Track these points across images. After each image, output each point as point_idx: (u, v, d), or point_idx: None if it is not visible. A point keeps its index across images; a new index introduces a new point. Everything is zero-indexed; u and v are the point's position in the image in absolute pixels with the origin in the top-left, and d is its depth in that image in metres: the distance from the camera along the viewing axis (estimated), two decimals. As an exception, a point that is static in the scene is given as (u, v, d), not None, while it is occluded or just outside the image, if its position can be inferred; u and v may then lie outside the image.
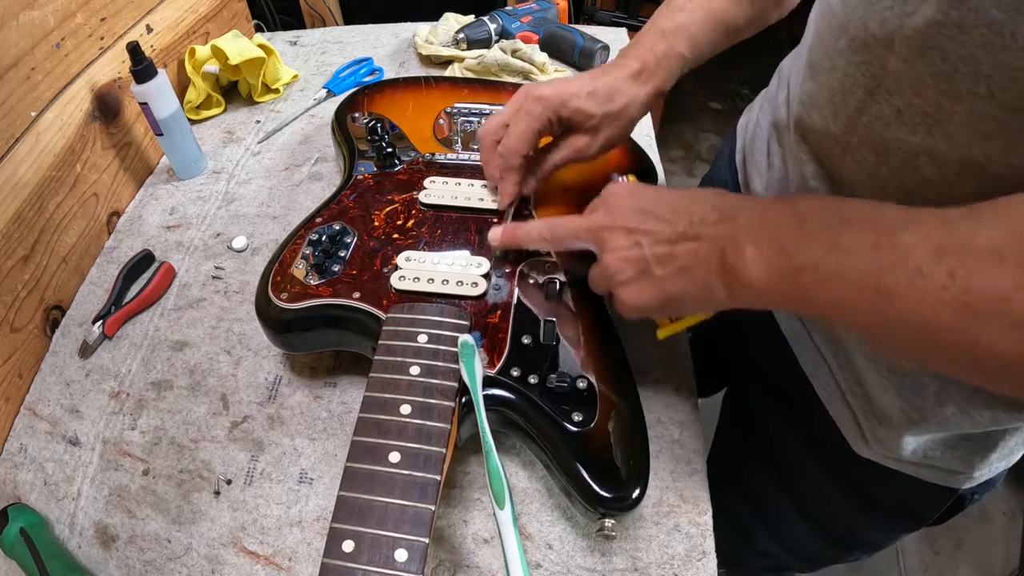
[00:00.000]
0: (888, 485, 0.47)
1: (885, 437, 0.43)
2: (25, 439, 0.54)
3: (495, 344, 0.46)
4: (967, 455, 0.42)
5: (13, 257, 0.57)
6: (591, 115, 0.47)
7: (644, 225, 0.38)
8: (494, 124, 0.50)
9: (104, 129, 0.70)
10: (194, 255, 0.67)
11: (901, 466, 0.45)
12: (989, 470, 0.44)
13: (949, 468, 0.44)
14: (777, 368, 0.51)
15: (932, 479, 0.45)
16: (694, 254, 0.35)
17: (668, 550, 0.44)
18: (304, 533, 0.46)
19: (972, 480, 0.44)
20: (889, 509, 0.51)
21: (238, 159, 0.78)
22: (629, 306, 0.39)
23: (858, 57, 0.33)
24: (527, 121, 0.47)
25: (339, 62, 0.92)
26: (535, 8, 0.95)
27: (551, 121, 0.48)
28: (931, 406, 0.39)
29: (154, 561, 0.46)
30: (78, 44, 0.65)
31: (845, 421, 0.46)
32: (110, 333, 0.60)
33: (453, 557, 0.44)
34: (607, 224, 0.40)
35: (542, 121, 0.47)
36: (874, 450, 0.45)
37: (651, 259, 0.37)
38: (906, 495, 0.48)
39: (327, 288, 0.50)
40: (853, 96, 0.34)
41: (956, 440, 0.42)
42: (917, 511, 0.50)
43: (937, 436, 0.42)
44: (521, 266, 0.51)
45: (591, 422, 0.43)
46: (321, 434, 0.51)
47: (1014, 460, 0.44)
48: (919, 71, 0.29)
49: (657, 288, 0.37)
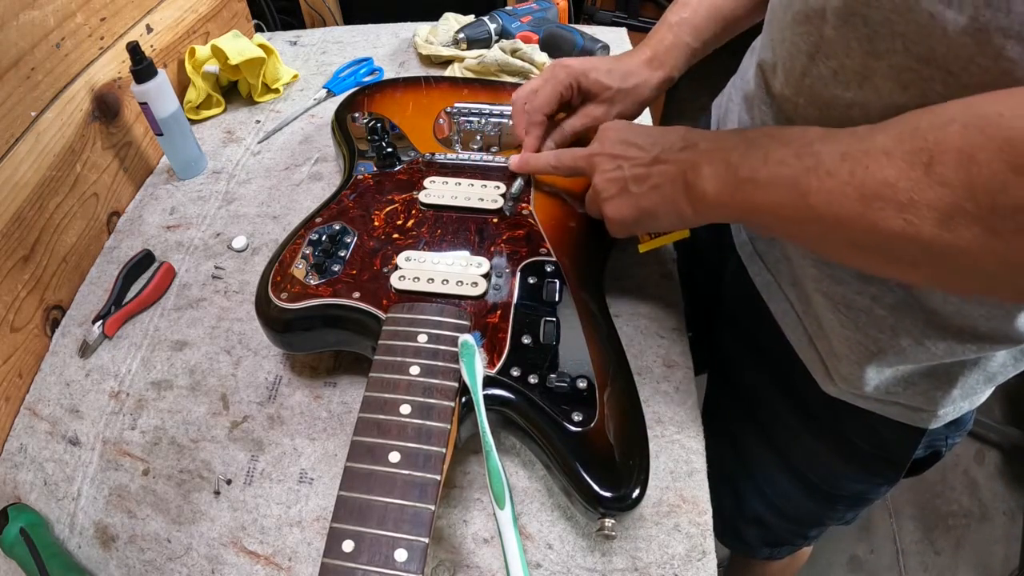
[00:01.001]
0: (858, 424, 0.50)
1: (848, 373, 0.45)
2: (25, 439, 0.54)
3: (495, 344, 0.46)
4: (929, 390, 0.44)
5: (13, 257, 0.57)
6: (608, 87, 0.55)
7: (626, 152, 0.46)
8: (526, 90, 0.57)
9: (104, 129, 0.70)
10: (194, 255, 0.67)
11: (867, 403, 0.47)
12: (953, 408, 0.46)
13: (912, 405, 0.46)
14: (753, 322, 0.54)
15: (898, 417, 0.47)
16: (663, 175, 0.43)
17: (668, 550, 0.44)
18: (304, 533, 0.46)
19: (937, 419, 0.46)
20: (864, 453, 0.53)
21: (238, 159, 0.78)
22: (612, 220, 0.47)
23: (801, 28, 0.38)
24: (552, 84, 0.55)
25: (339, 62, 0.92)
26: (535, 8, 0.95)
27: (572, 87, 0.55)
28: (887, 338, 0.42)
29: (154, 561, 0.46)
30: (78, 44, 0.65)
31: (813, 362, 0.49)
32: (110, 333, 0.60)
33: (453, 557, 0.44)
34: (597, 151, 0.48)
35: (564, 85, 0.55)
36: (840, 387, 0.47)
37: (629, 179, 0.45)
38: (877, 436, 0.50)
39: (327, 288, 0.50)
40: (799, 62, 0.39)
41: (917, 376, 0.44)
42: (891, 455, 0.52)
43: (898, 371, 0.44)
44: (522, 266, 0.51)
45: (591, 422, 0.43)
46: (321, 434, 0.51)
47: (978, 401, 0.47)
48: (847, 36, 0.34)
49: (633, 203, 0.45)
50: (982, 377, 0.43)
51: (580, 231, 0.55)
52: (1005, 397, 1.48)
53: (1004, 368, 0.43)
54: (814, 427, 0.54)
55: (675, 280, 0.60)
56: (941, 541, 1.29)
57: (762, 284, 0.52)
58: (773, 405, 0.57)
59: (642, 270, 0.61)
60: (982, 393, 0.46)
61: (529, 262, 0.52)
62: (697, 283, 0.64)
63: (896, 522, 1.31)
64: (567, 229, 0.55)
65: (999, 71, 0.29)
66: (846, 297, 0.43)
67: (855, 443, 0.52)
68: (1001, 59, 0.28)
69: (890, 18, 0.32)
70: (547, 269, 0.51)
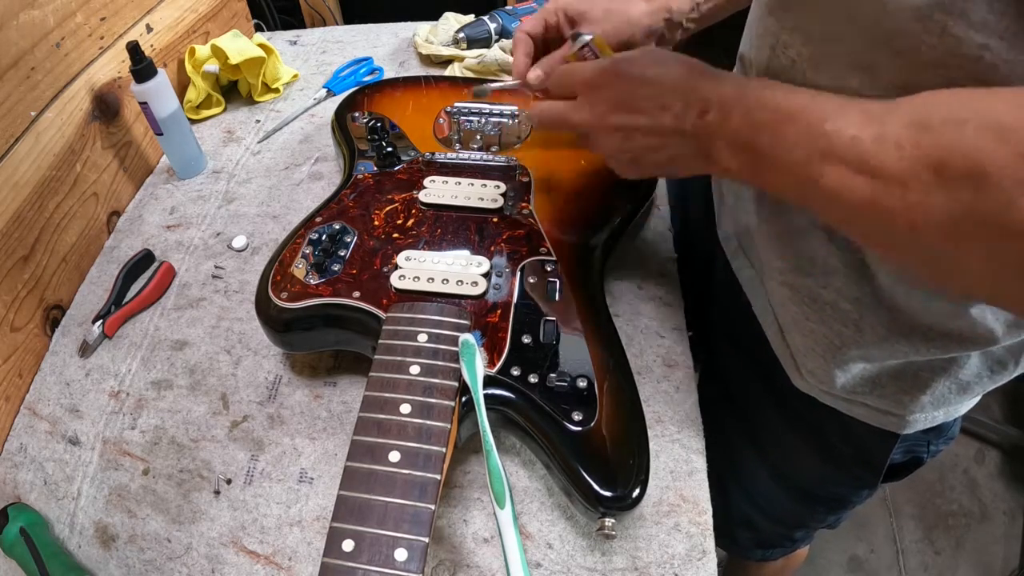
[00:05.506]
0: (835, 424, 0.49)
1: (814, 368, 0.46)
2: (25, 439, 0.54)
3: (495, 343, 0.46)
4: (896, 394, 0.44)
5: (13, 257, 0.57)
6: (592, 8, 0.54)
7: (631, 122, 0.41)
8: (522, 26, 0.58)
9: (104, 129, 0.70)
10: (194, 255, 0.67)
11: (835, 402, 0.47)
12: (924, 416, 0.45)
13: (879, 407, 0.46)
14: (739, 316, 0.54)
15: (866, 419, 0.47)
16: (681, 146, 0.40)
17: (668, 549, 0.44)
18: (304, 532, 0.46)
19: (908, 424, 0.46)
20: (841, 453, 0.53)
21: (238, 159, 0.78)
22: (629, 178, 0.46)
23: (766, 21, 0.40)
24: (540, 13, 0.56)
25: (339, 61, 0.92)
26: (535, 8, 0.95)
27: (558, 14, 0.55)
28: (851, 333, 0.42)
29: (154, 561, 0.46)
30: (78, 44, 0.65)
31: (784, 356, 0.49)
32: (110, 333, 0.60)
33: (453, 557, 0.44)
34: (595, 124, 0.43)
35: (550, 12, 0.56)
36: (808, 382, 0.48)
37: (643, 150, 0.42)
38: (853, 436, 0.50)
39: (327, 287, 0.50)
40: (763, 52, 0.41)
41: (885, 378, 0.44)
42: (867, 457, 0.52)
43: (865, 370, 0.44)
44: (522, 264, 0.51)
45: (591, 421, 0.43)
46: (321, 433, 0.51)
47: (956, 411, 0.46)
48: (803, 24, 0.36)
49: (652, 169, 0.44)
50: (954, 386, 0.43)
51: (580, 230, 0.55)
52: (1005, 397, 1.48)
53: (979, 379, 0.43)
54: (794, 425, 0.54)
55: (675, 280, 0.60)
56: (941, 541, 1.29)
57: (745, 279, 0.52)
58: (757, 401, 0.58)
59: (642, 270, 0.61)
60: (958, 403, 0.45)
61: (529, 261, 0.52)
62: (692, 274, 0.64)
63: (896, 522, 1.31)
64: (567, 228, 0.55)
65: (945, 49, 0.29)
66: (812, 290, 0.43)
67: (832, 443, 0.52)
68: (946, 36, 0.29)
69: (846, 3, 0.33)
70: (547, 268, 0.51)
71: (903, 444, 0.49)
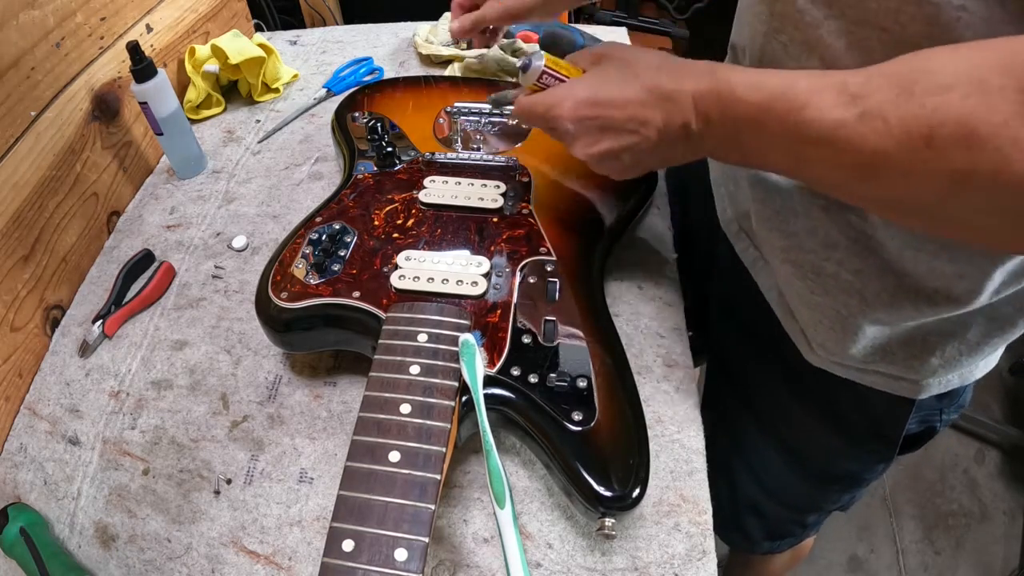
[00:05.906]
0: (848, 396, 0.50)
1: (824, 340, 0.47)
2: (25, 439, 0.54)
3: (495, 343, 0.46)
4: (907, 359, 0.45)
5: (13, 257, 0.57)
6: None
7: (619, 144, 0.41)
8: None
9: (104, 129, 0.70)
10: (194, 254, 0.67)
11: (848, 372, 0.48)
12: (937, 380, 0.46)
13: (892, 373, 0.46)
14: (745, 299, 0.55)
15: (880, 386, 0.47)
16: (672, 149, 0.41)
17: (668, 549, 0.44)
18: (304, 532, 0.46)
19: (922, 389, 0.46)
20: (855, 426, 0.53)
21: (238, 158, 0.78)
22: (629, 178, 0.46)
23: (758, 8, 0.41)
24: None
25: (339, 61, 0.92)
26: (535, 7, 0.95)
27: None
28: (857, 303, 0.43)
29: (154, 560, 0.46)
30: (78, 44, 0.65)
31: (795, 332, 0.50)
32: (110, 332, 0.60)
33: (453, 557, 0.44)
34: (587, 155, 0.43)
35: None
36: (820, 355, 0.48)
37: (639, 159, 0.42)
38: (867, 408, 0.50)
39: (327, 287, 0.50)
40: (757, 42, 0.42)
41: (895, 344, 0.45)
42: (882, 429, 0.52)
43: (875, 339, 0.45)
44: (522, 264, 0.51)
45: (591, 421, 0.43)
46: (321, 433, 0.51)
47: (970, 375, 0.47)
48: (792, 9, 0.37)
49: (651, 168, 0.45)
50: (963, 347, 0.44)
51: (580, 230, 0.55)
52: (1005, 397, 1.48)
53: (988, 338, 0.43)
54: (807, 402, 0.55)
55: (675, 279, 0.60)
56: (941, 541, 1.29)
57: (750, 261, 0.53)
58: (767, 384, 0.58)
59: (642, 270, 0.61)
60: (970, 365, 0.46)
61: (529, 261, 0.52)
62: (693, 268, 0.64)
63: (896, 522, 1.31)
64: (567, 228, 0.55)
65: (924, 17, 0.30)
66: (814, 264, 0.44)
67: (847, 416, 0.53)
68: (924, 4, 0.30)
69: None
70: (547, 268, 0.51)
71: (917, 414, 0.49)
